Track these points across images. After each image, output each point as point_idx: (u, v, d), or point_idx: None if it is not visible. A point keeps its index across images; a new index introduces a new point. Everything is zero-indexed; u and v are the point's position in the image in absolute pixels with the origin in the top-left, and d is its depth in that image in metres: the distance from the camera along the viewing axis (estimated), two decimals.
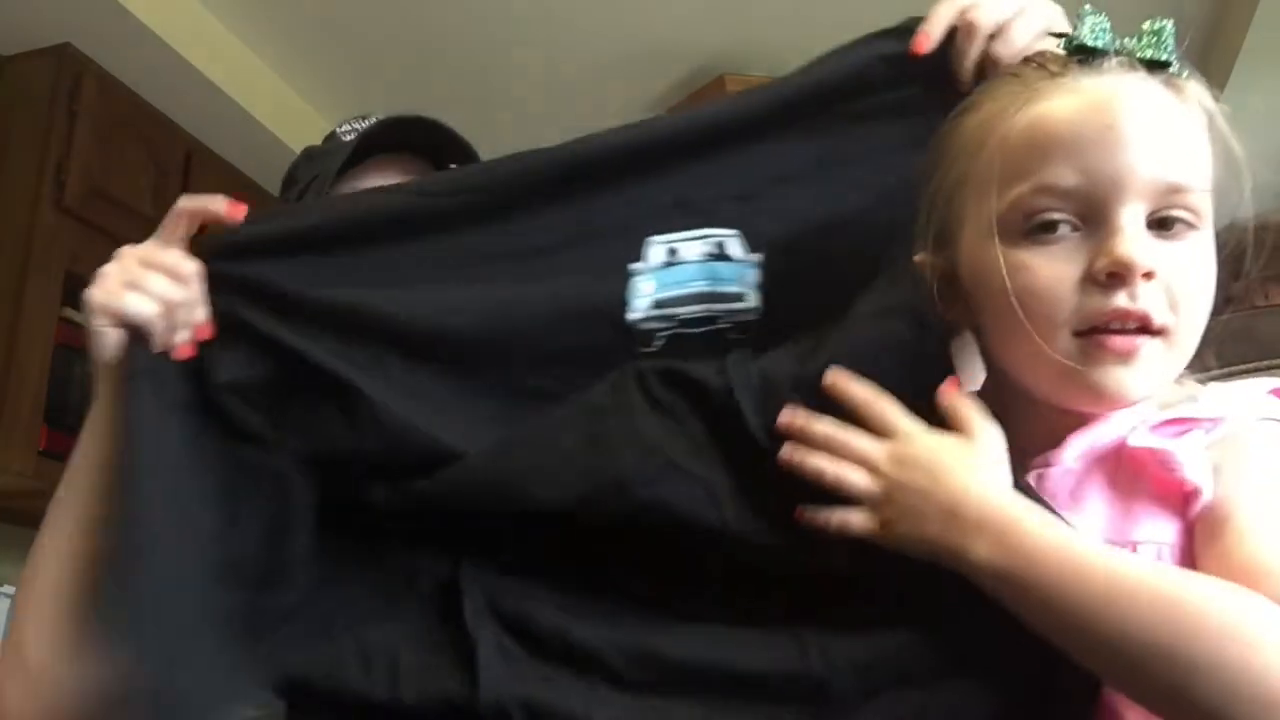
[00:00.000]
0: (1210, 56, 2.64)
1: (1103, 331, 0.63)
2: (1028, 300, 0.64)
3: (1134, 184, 0.63)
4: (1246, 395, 0.65)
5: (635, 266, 0.80)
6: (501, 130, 0.97)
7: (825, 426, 0.67)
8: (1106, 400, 0.64)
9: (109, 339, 0.78)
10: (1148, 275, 0.62)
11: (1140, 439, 0.63)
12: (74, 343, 2.17)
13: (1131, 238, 0.62)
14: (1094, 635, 0.57)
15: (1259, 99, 2.60)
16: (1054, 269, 0.64)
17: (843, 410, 0.67)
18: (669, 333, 0.80)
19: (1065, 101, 0.66)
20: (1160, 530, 0.62)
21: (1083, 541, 0.59)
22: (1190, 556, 0.61)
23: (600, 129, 0.81)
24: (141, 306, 0.76)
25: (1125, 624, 0.55)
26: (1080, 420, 0.66)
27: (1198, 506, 0.61)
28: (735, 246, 0.81)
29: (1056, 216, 0.64)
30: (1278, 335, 1.75)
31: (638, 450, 0.72)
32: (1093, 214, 0.64)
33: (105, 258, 0.78)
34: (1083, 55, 0.67)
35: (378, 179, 0.95)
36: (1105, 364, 0.63)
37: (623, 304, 0.79)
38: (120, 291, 0.77)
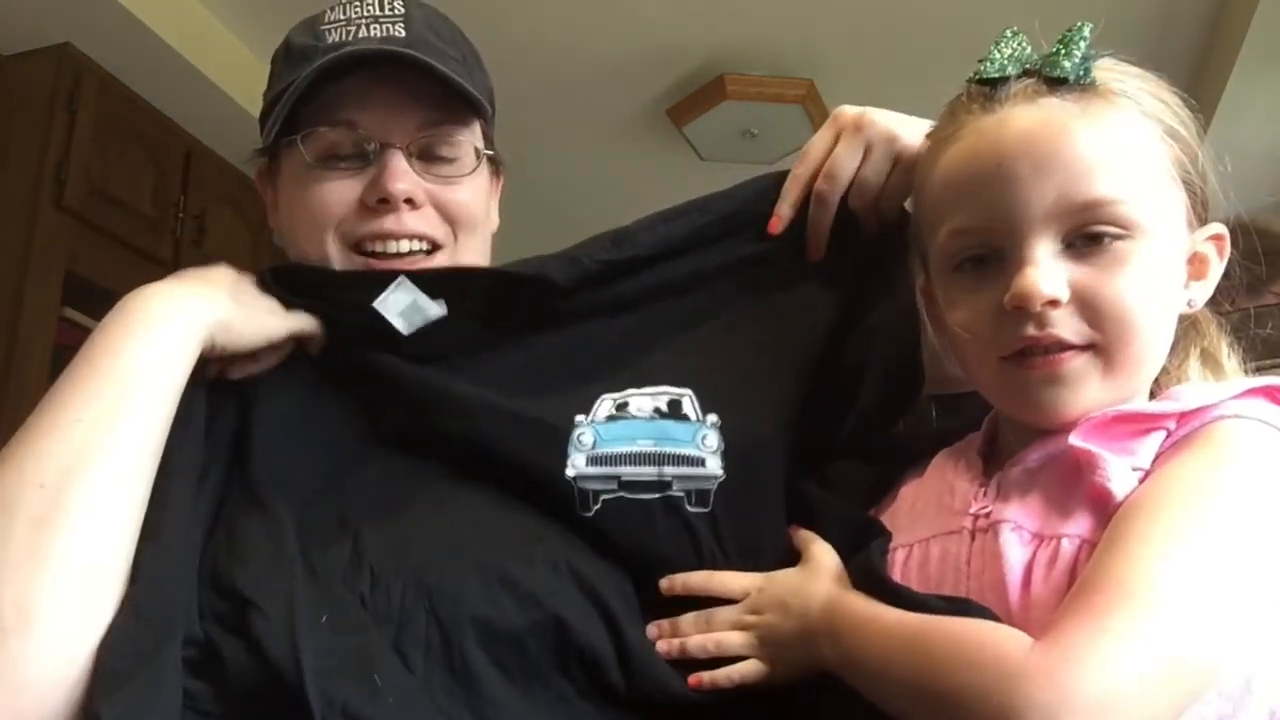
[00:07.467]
0: (1210, 57, 2.65)
1: (1026, 355, 0.67)
2: (962, 332, 0.70)
3: (1031, 216, 0.66)
4: (1221, 393, 0.65)
5: (579, 418, 0.77)
6: (502, 130, 0.96)
7: (691, 616, 0.75)
8: (1045, 417, 0.68)
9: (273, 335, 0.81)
10: (1052, 303, 0.65)
11: (1079, 438, 0.64)
12: (74, 343, 2.16)
13: (1030, 271, 0.65)
14: (883, 687, 0.63)
15: (1259, 99, 2.60)
16: (976, 303, 0.69)
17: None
18: (611, 496, 0.75)
19: (963, 145, 0.70)
20: (1082, 526, 0.64)
21: (884, 613, 0.65)
22: None
23: (598, 128, 0.81)
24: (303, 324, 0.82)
25: (891, 670, 0.62)
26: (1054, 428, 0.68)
27: (1113, 507, 0.63)
28: (688, 405, 0.79)
29: (973, 254, 0.69)
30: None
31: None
32: (1003, 248, 0.68)
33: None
34: (985, 89, 0.70)
35: (355, 109, 0.85)
36: (1033, 384, 0.67)
37: (564, 458, 0.75)
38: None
